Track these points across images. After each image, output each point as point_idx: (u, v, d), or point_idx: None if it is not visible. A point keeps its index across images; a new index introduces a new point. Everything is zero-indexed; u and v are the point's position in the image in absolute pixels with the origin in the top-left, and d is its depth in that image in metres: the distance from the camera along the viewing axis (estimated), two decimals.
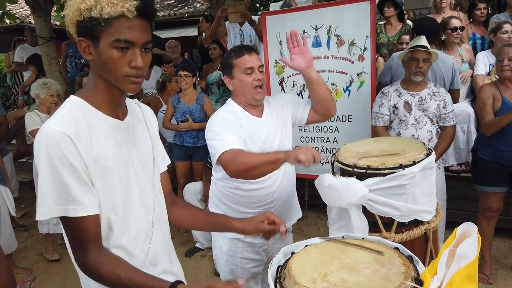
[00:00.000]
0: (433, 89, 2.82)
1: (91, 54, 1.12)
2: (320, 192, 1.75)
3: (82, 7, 1.05)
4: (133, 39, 1.09)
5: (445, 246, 1.10)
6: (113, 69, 1.11)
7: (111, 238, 1.22)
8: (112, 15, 1.05)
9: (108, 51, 1.08)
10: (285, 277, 1.16)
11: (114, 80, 1.14)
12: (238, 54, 1.89)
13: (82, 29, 1.09)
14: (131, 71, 1.11)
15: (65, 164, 1.10)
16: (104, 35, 1.07)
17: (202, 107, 4.05)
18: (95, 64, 1.14)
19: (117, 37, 1.07)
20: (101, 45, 1.09)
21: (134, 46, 1.10)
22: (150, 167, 1.36)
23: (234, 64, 1.89)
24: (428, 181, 1.67)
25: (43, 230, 3.67)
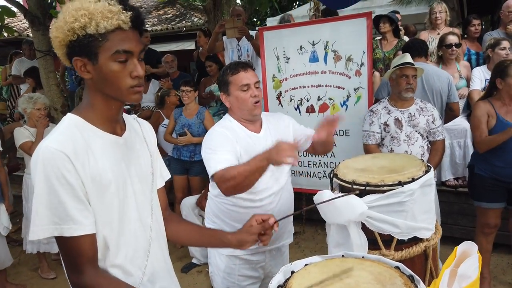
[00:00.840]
0: (420, 105, 2.85)
1: (88, 72, 1.12)
2: (319, 209, 1.74)
3: (76, 26, 1.05)
4: (131, 49, 1.10)
5: (445, 265, 1.10)
6: (116, 82, 1.11)
7: (107, 257, 1.20)
8: (108, 29, 1.06)
9: (109, 65, 1.09)
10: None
11: (117, 93, 1.14)
12: (234, 71, 1.89)
13: (76, 48, 1.09)
14: (134, 81, 1.12)
15: (62, 182, 1.09)
16: (102, 50, 1.08)
17: (202, 121, 4.05)
18: (93, 81, 1.13)
19: (116, 49, 1.08)
20: (100, 60, 1.09)
21: (132, 56, 1.11)
22: (149, 182, 1.35)
23: (230, 81, 1.89)
24: (427, 198, 1.66)
25: (32, 249, 3.58)
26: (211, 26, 7.11)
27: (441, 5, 4.25)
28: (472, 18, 4.28)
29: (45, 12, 4.99)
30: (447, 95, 3.27)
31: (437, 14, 4.19)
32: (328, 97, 3.67)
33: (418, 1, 7.41)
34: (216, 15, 8.85)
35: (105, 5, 1.06)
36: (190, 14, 11.46)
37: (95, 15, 1.04)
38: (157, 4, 12.51)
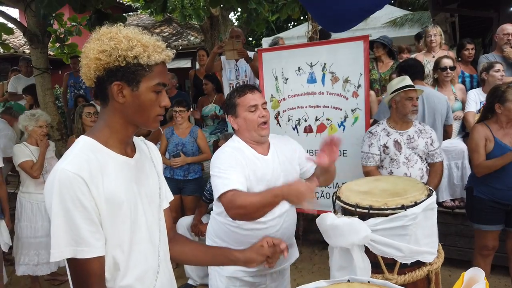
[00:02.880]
0: (419, 127, 2.88)
1: (124, 96, 1.17)
2: (322, 231, 1.75)
3: (129, 54, 1.13)
4: (166, 81, 1.22)
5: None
6: (149, 110, 1.20)
7: (117, 278, 1.20)
8: (157, 62, 1.16)
9: (148, 94, 1.18)
10: None
11: (144, 120, 1.21)
12: (241, 93, 1.91)
13: (119, 73, 1.15)
14: (161, 110, 1.22)
15: (77, 205, 1.10)
16: (145, 79, 1.17)
17: (196, 140, 4.05)
18: (124, 106, 1.18)
19: (158, 81, 1.18)
20: (141, 88, 1.17)
21: (164, 87, 1.22)
22: (157, 203, 1.36)
23: (237, 103, 1.91)
24: (429, 222, 1.67)
25: (24, 272, 3.50)
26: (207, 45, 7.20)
27: (435, 29, 4.34)
28: (466, 42, 4.37)
29: (44, 30, 5.03)
30: (446, 116, 3.31)
31: (432, 37, 4.28)
32: (325, 118, 3.69)
33: (411, 24, 7.57)
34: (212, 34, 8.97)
35: (155, 40, 1.18)
36: (186, 33, 11.60)
37: (148, 48, 1.15)
38: (154, 22, 12.66)
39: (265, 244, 1.42)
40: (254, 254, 1.43)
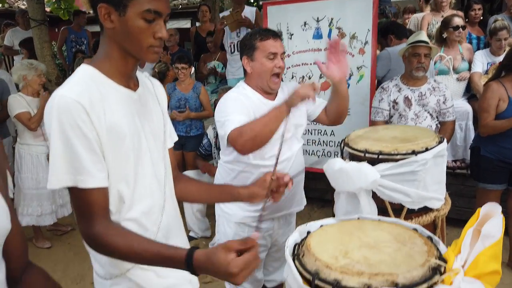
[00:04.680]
0: (433, 84, 2.83)
1: (112, 21, 1.09)
2: (329, 177, 1.74)
3: None
4: (161, 10, 1.09)
5: (468, 226, 1.09)
6: (138, 39, 1.09)
7: (122, 210, 1.19)
8: None
9: (135, 21, 1.07)
10: (304, 254, 1.13)
11: (136, 50, 1.12)
12: (263, 37, 1.83)
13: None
14: (156, 42, 1.11)
15: (78, 133, 1.06)
16: (133, 4, 1.06)
17: (198, 96, 4.00)
18: (114, 32, 1.10)
19: (148, 7, 1.06)
20: (128, 14, 1.07)
21: (160, 17, 1.10)
22: (161, 140, 1.33)
23: (257, 46, 1.84)
24: (439, 169, 1.66)
25: (27, 223, 3.50)
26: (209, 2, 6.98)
27: None
28: (473, 3, 4.27)
29: None
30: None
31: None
32: None
33: None
34: None
35: None
36: None
37: None
38: None
39: (268, 178, 1.40)
40: (257, 188, 1.41)
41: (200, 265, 1.01)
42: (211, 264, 0.99)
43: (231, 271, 0.96)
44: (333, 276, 1.02)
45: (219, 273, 0.99)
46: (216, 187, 1.63)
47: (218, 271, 0.98)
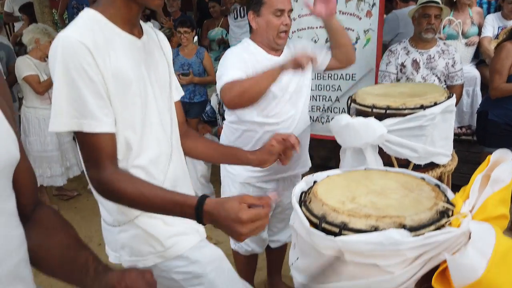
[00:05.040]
0: (442, 47, 2.77)
1: None
2: (335, 133, 1.72)
3: None
4: None
5: (477, 172, 1.08)
6: None
7: (130, 157, 1.18)
8: None
9: None
10: (311, 200, 1.13)
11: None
12: None
13: None
14: None
15: (83, 76, 1.04)
16: None
17: (202, 61, 3.94)
18: None
19: None
20: None
21: None
22: (167, 91, 1.32)
23: (264, 1, 1.79)
24: (447, 124, 1.64)
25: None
26: None
27: None
28: None
29: None
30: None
31: None
32: None
33: None
34: None
35: None
36: None
37: None
38: None
39: (274, 143, 1.40)
40: (265, 155, 1.42)
41: (210, 211, 1.01)
42: (222, 210, 0.98)
43: (241, 216, 0.95)
44: (340, 219, 1.02)
45: (228, 220, 0.97)
46: (225, 148, 1.62)
47: (227, 217, 0.97)
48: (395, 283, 0.97)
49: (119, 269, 0.76)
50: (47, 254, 0.88)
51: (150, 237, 1.24)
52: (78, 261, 0.85)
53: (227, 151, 1.52)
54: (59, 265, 0.87)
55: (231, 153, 1.49)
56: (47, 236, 0.90)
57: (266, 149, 1.41)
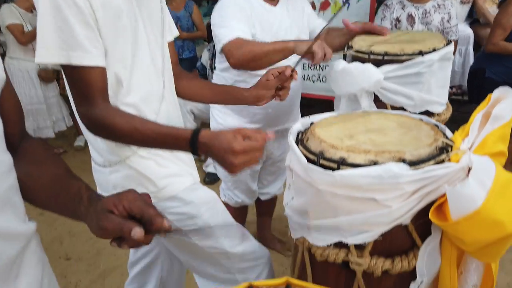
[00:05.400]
0: (438, 1, 2.71)
1: None
2: (331, 80, 1.69)
3: None
4: None
5: (477, 110, 1.07)
6: None
7: (120, 94, 1.14)
8: None
9: None
10: (308, 139, 1.11)
11: None
12: None
13: None
14: None
15: (69, 3, 0.98)
16: None
17: (191, 15, 3.82)
18: None
19: None
20: None
21: None
22: (159, 29, 1.26)
23: None
24: (444, 72, 1.62)
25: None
26: None
27: None
28: None
29: None
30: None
31: None
32: None
33: None
34: None
35: None
36: None
37: None
38: None
39: (270, 77, 1.37)
40: (262, 90, 1.40)
41: (204, 142, 0.99)
42: (217, 140, 0.97)
43: (234, 147, 0.94)
44: (338, 155, 1.00)
45: (221, 150, 0.97)
46: (220, 87, 1.58)
47: (220, 148, 0.96)
48: (392, 217, 0.96)
49: (113, 194, 0.73)
50: (37, 185, 0.84)
51: (143, 177, 1.22)
52: (70, 190, 0.81)
53: (222, 90, 1.49)
54: (51, 196, 0.84)
55: (226, 92, 1.46)
56: (36, 167, 0.86)
57: (262, 84, 1.38)
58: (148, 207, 0.68)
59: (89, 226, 0.72)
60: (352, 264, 1.05)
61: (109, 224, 0.67)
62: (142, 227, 0.66)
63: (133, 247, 0.69)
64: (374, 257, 1.04)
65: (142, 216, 0.68)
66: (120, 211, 0.68)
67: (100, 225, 0.67)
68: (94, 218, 0.69)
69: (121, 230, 0.66)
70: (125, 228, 0.65)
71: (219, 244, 1.29)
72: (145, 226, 0.67)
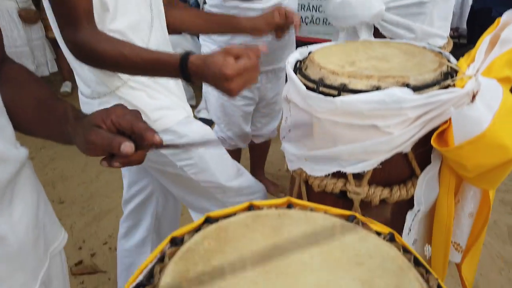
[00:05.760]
0: None
1: None
2: (329, 13, 1.61)
3: None
4: None
5: (485, 34, 1.02)
6: None
7: (106, 20, 1.06)
8: None
9: None
10: (307, 67, 1.06)
11: None
12: None
13: None
14: None
15: None
16: None
17: None
18: None
19: None
20: None
21: None
22: None
23: None
24: (447, 4, 1.55)
25: None
26: None
27: None
28: None
29: None
30: None
31: None
32: None
33: None
34: None
35: None
36: None
37: None
38: None
39: (276, 14, 1.32)
40: (262, 22, 1.34)
41: (194, 69, 0.94)
42: (206, 67, 0.91)
43: (225, 72, 0.88)
44: (339, 81, 0.96)
45: (213, 77, 0.91)
46: (216, 15, 1.50)
47: (212, 75, 0.91)
48: (393, 144, 0.94)
49: (102, 109, 0.68)
50: (21, 108, 0.79)
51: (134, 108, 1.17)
52: (56, 112, 0.76)
53: (218, 18, 1.41)
54: (36, 119, 0.79)
55: (224, 21, 1.39)
56: (19, 89, 0.81)
57: (265, 18, 1.33)
58: (137, 121, 0.64)
59: (77, 144, 0.68)
60: (350, 193, 1.04)
61: (97, 138, 0.62)
62: (133, 143, 0.62)
63: (125, 165, 0.65)
64: (372, 186, 1.03)
65: (132, 132, 0.63)
66: (108, 126, 0.63)
67: (87, 140, 0.63)
68: (82, 135, 0.65)
69: (110, 145, 0.61)
70: (114, 143, 0.61)
71: (215, 178, 1.27)
72: (135, 142, 0.63)
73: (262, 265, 0.53)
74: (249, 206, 0.66)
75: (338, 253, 0.56)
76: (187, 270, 0.52)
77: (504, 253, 1.99)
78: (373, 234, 0.60)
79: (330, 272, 0.52)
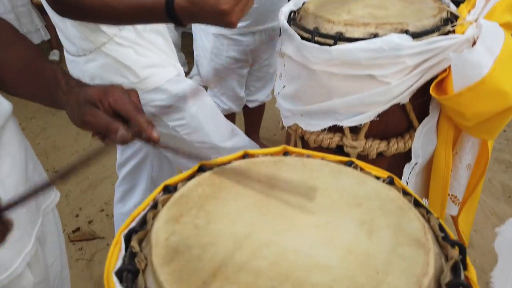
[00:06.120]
0: None
1: None
2: None
3: None
4: None
5: None
6: None
7: None
8: None
9: None
10: (302, 17, 1.01)
11: None
12: None
13: None
14: None
15: None
16: None
17: None
18: None
19: None
20: None
21: None
22: None
23: None
24: None
25: None
26: None
27: None
28: None
29: None
30: None
31: None
32: None
33: None
34: None
35: None
36: None
37: None
38: None
39: None
40: None
41: (183, 8, 0.86)
42: (197, 6, 0.85)
43: (222, 8, 0.81)
44: (335, 30, 0.92)
45: (208, 14, 0.84)
46: None
47: (205, 11, 0.84)
48: (390, 95, 0.92)
49: (97, 85, 0.65)
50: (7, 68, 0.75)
51: (122, 66, 1.12)
52: (45, 74, 0.72)
53: None
54: (23, 80, 0.75)
55: None
56: (4, 48, 0.76)
57: None
58: (137, 112, 0.61)
59: (70, 116, 0.65)
60: (347, 148, 1.02)
61: (94, 120, 0.59)
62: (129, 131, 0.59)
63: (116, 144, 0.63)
64: (369, 139, 1.01)
65: (129, 120, 0.60)
66: (105, 108, 0.60)
67: (84, 120, 0.60)
68: (76, 110, 0.62)
69: (107, 129, 0.59)
70: (111, 128, 0.58)
71: (208, 138, 1.24)
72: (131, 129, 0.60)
73: (259, 208, 0.51)
74: (244, 154, 0.64)
75: (336, 196, 0.54)
76: (181, 214, 0.50)
77: (498, 210, 2.01)
78: (372, 178, 0.58)
79: (329, 213, 0.51)
